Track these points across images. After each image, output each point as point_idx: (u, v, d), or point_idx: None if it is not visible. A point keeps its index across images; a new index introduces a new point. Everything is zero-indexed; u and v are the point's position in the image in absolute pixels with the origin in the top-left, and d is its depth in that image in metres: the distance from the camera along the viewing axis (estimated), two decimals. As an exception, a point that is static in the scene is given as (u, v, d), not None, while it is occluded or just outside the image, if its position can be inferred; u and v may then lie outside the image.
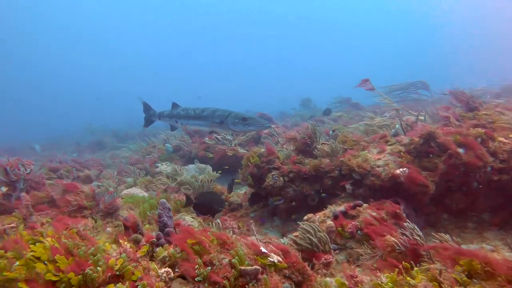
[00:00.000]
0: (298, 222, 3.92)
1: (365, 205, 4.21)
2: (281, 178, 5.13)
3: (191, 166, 7.78)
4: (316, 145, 5.45)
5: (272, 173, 5.19)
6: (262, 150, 5.66)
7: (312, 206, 5.35)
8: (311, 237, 3.41)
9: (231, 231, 4.95)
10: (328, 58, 69.98)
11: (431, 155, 4.61)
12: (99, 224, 4.34)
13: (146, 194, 6.48)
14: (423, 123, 4.95)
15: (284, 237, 4.76)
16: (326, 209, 4.56)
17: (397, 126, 5.36)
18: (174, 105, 6.24)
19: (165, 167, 9.51)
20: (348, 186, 4.95)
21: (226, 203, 6.21)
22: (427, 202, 4.48)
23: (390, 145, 5.20)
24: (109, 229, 4.33)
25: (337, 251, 3.67)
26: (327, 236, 3.49)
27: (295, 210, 5.54)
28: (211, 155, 8.53)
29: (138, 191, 6.56)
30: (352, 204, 4.13)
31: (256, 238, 4.38)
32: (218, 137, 8.76)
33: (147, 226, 4.57)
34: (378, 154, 5.01)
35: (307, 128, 5.52)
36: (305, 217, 4.03)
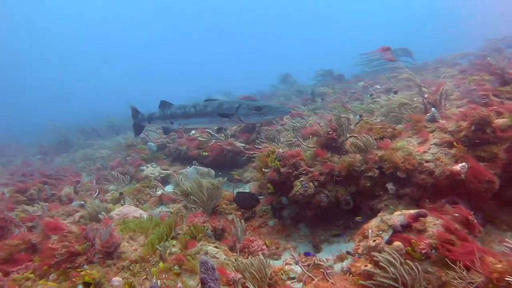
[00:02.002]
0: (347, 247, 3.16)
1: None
2: (311, 184, 4.34)
3: (190, 170, 6.78)
4: (343, 139, 4.68)
5: (301, 179, 4.38)
6: (280, 150, 4.81)
7: (345, 210, 4.66)
8: (398, 273, 2.68)
9: (261, 254, 4.17)
10: (306, 29, 67.22)
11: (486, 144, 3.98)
12: (101, 275, 3.38)
13: (143, 213, 5.49)
14: (472, 105, 4.30)
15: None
16: (373, 219, 3.86)
17: (433, 109, 4.67)
18: (165, 104, 5.27)
19: (151, 170, 8.45)
20: (390, 186, 4.26)
21: (239, 212, 5.40)
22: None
23: (429, 132, 4.52)
24: (116, 279, 3.39)
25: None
26: (418, 270, 2.78)
27: (324, 216, 4.82)
28: (206, 154, 7.56)
29: (132, 210, 5.54)
30: (414, 214, 3.43)
31: (301, 266, 3.63)
32: (211, 131, 7.77)
33: (161, 265, 3.68)
34: (420, 145, 4.32)
35: (331, 120, 4.71)
36: (371, 243, 3.27)
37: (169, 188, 7.34)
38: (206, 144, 7.82)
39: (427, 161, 4.02)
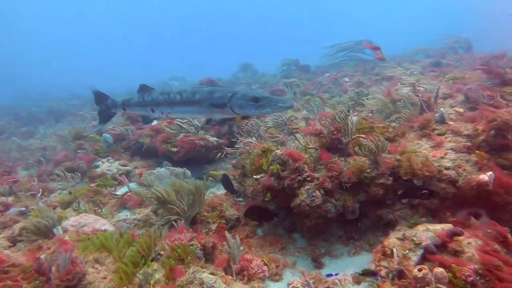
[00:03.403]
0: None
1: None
2: (318, 192, 3.75)
3: (161, 170, 5.84)
4: (348, 140, 4.14)
5: (307, 187, 3.76)
6: (278, 151, 4.16)
7: (348, 220, 4.17)
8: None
9: (262, 277, 3.53)
10: (268, 18, 64.48)
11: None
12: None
13: (106, 224, 4.53)
14: (485, 105, 4.02)
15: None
16: (392, 234, 3.41)
17: (442, 109, 4.33)
18: (145, 88, 4.44)
19: (107, 166, 7.31)
20: (403, 195, 3.83)
21: (223, 221, 4.69)
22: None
23: (439, 134, 4.17)
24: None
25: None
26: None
27: (325, 226, 4.30)
28: (175, 149, 6.63)
29: (91, 220, 4.54)
30: (449, 232, 3.01)
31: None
32: (181, 123, 6.84)
33: (143, 302, 2.87)
34: (435, 149, 3.94)
35: (335, 118, 4.14)
36: (417, 273, 2.75)
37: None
38: (174, 137, 6.88)
39: (446, 168, 3.64)
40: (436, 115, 4.35)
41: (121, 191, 6.42)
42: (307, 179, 3.83)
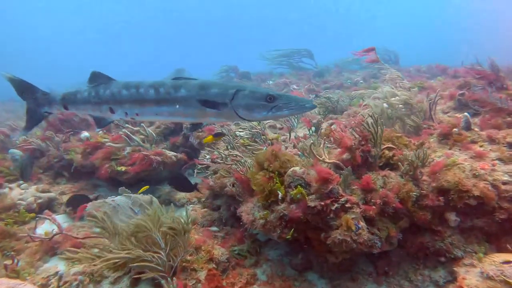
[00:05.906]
0: None
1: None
2: (362, 223, 2.82)
3: (118, 198, 4.22)
4: (377, 151, 3.32)
5: (352, 216, 2.79)
6: (298, 168, 3.12)
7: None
8: None
9: None
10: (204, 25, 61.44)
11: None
12: None
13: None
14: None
15: None
16: (463, 270, 2.65)
17: (466, 114, 3.83)
18: (100, 78, 3.07)
19: (19, 193, 5.33)
20: (453, 217, 3.13)
21: (213, 265, 3.45)
22: None
23: (471, 142, 3.64)
24: None
25: None
26: None
27: (350, 261, 3.38)
28: (123, 169, 5.05)
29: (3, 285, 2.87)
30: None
31: None
32: (130, 133, 5.29)
33: None
34: (478, 160, 3.35)
35: (361, 124, 3.29)
36: None
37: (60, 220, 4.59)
38: (120, 152, 5.31)
39: (504, 183, 3.04)
40: (462, 120, 3.83)
41: (42, 227, 4.66)
42: (346, 205, 2.87)
